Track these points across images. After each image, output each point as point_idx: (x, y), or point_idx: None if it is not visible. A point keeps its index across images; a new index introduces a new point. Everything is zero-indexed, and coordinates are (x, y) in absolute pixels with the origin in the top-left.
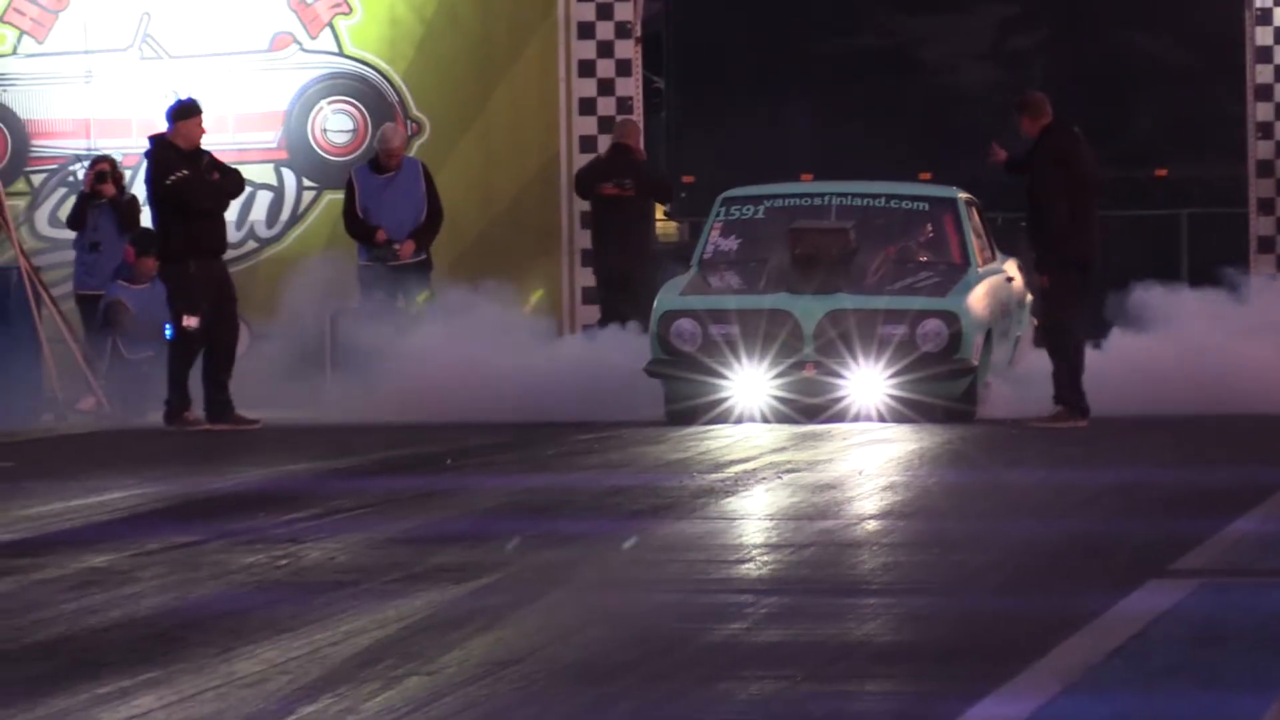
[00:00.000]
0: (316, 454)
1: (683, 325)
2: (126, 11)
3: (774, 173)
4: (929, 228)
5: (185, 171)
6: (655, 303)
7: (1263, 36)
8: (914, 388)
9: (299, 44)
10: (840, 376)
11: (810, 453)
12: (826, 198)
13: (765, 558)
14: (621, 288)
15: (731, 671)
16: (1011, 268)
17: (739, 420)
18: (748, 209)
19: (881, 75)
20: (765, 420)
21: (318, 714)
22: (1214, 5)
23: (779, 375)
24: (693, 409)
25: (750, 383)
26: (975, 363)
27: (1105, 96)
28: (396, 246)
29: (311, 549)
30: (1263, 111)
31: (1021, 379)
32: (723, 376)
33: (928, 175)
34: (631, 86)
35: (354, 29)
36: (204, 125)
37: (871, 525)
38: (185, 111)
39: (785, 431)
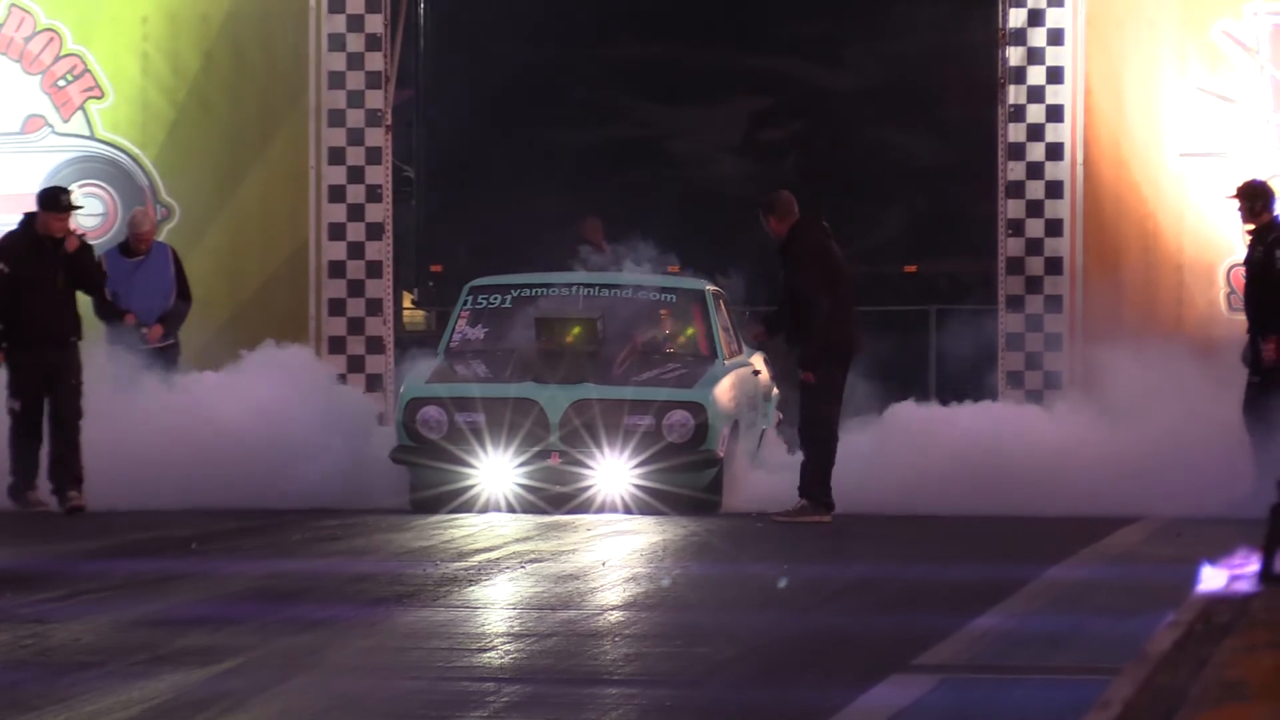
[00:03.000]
0: (63, 536)
1: (429, 413)
2: None
3: (524, 264)
4: (676, 319)
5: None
6: (401, 390)
7: (1015, 133)
8: (660, 478)
9: (51, 127)
10: (586, 466)
11: (554, 543)
12: (574, 288)
13: (508, 647)
14: None
15: None
16: (758, 360)
17: (484, 509)
18: (495, 298)
19: (633, 167)
20: (511, 509)
21: None
22: (966, 101)
23: (524, 464)
24: (437, 497)
25: (496, 471)
26: (721, 454)
27: (856, 191)
28: (144, 331)
29: (57, 629)
30: (1014, 209)
31: (766, 472)
32: (468, 465)
33: (675, 268)
34: (381, 175)
35: (106, 112)
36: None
37: (615, 616)
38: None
39: (530, 521)
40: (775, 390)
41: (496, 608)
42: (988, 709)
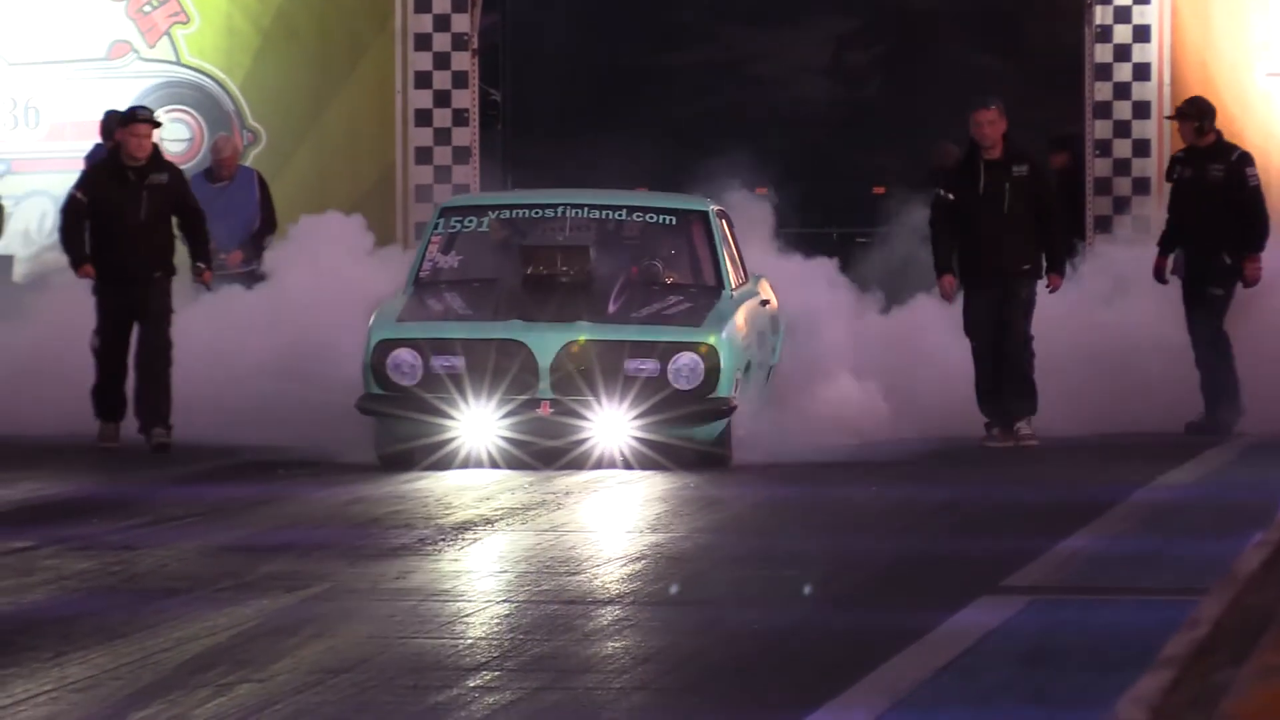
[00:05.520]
0: (149, 463)
1: (400, 356)
2: None
3: (608, 188)
4: (676, 244)
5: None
6: (369, 330)
7: (1102, 54)
8: (664, 430)
9: (137, 52)
10: (580, 417)
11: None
12: (559, 209)
13: (596, 570)
14: None
15: (562, 682)
16: (765, 289)
17: (464, 466)
18: (469, 221)
19: (718, 89)
20: (495, 465)
21: (149, 719)
22: (1052, 22)
23: (509, 414)
24: (408, 453)
25: (477, 423)
26: (735, 403)
27: (941, 112)
28: (224, 256)
29: (144, 556)
30: (1101, 129)
31: (780, 417)
32: (446, 415)
33: (764, 190)
34: (468, 99)
35: (191, 38)
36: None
37: (703, 539)
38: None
39: None
40: (784, 322)
41: (584, 531)
42: (1077, 629)
